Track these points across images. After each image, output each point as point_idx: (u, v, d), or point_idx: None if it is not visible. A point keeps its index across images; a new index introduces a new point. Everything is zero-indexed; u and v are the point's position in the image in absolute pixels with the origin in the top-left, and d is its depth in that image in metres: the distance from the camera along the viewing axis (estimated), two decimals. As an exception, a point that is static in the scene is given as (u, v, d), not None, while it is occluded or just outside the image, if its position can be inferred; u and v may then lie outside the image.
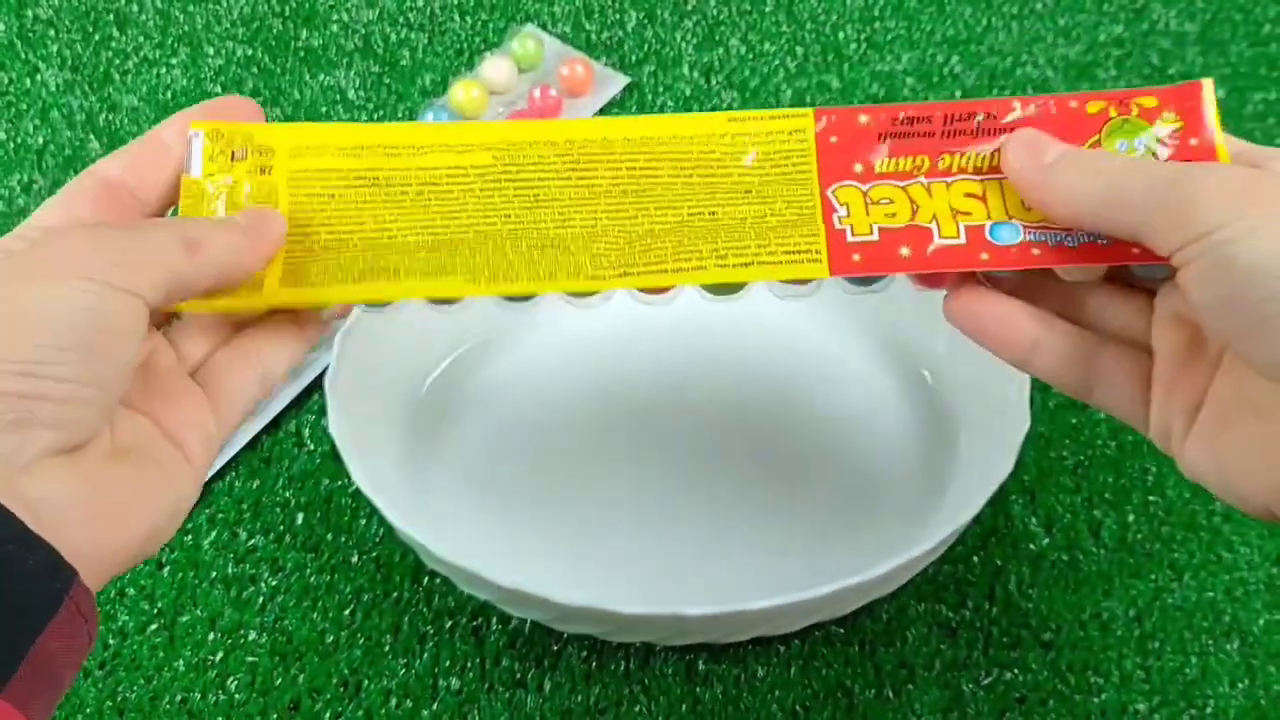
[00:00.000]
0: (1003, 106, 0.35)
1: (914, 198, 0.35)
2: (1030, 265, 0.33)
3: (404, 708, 0.44)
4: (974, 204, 0.34)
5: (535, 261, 0.35)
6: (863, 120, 0.35)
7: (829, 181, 0.35)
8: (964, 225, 0.34)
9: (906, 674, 0.44)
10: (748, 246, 0.35)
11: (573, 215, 0.35)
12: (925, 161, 0.35)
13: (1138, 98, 0.35)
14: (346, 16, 0.67)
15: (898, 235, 0.34)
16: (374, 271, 0.35)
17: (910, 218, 0.34)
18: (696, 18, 0.67)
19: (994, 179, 0.35)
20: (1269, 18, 0.66)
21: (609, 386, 0.51)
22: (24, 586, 0.27)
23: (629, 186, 0.36)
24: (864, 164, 0.35)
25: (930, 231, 0.34)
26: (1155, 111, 0.35)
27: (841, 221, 0.35)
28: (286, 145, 0.36)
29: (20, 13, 0.68)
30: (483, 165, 0.36)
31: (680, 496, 0.47)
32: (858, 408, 0.50)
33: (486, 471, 0.48)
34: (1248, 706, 0.43)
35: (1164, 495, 0.48)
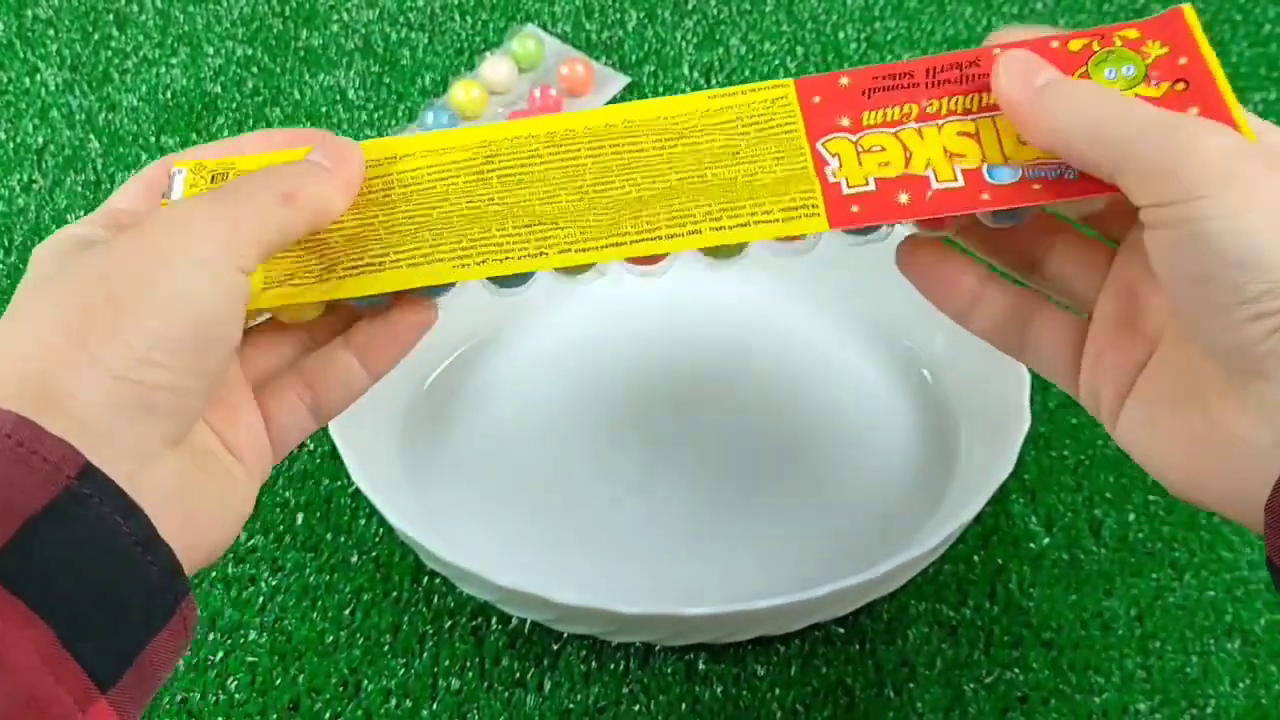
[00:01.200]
0: (985, 55, 0.35)
1: (906, 143, 0.34)
2: (1033, 201, 0.33)
3: (404, 707, 0.44)
4: (968, 144, 0.34)
5: (524, 240, 0.34)
6: (843, 82, 0.35)
7: (817, 135, 0.34)
8: (960, 168, 0.33)
9: (907, 673, 0.44)
10: (742, 206, 0.34)
11: (558, 192, 0.35)
12: (913, 109, 0.34)
13: (1119, 30, 0.34)
14: (346, 16, 0.67)
15: (894, 183, 0.33)
16: (360, 265, 0.35)
17: (904, 165, 0.34)
18: (696, 17, 0.67)
19: (986, 116, 0.34)
20: (1269, 18, 0.66)
21: (609, 387, 0.51)
22: (143, 592, 0.27)
23: (613, 162, 0.35)
24: (851, 117, 0.34)
25: (927, 179, 0.33)
26: (1138, 42, 0.34)
27: (835, 174, 0.34)
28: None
29: (20, 13, 0.68)
30: (465, 160, 0.36)
31: (680, 496, 0.47)
32: (858, 408, 0.50)
33: (486, 472, 0.48)
34: (1249, 706, 0.43)
35: (1164, 495, 0.48)
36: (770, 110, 0.35)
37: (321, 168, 0.33)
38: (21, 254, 0.57)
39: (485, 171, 0.36)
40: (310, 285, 0.35)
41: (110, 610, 0.26)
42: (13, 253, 0.57)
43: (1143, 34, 0.34)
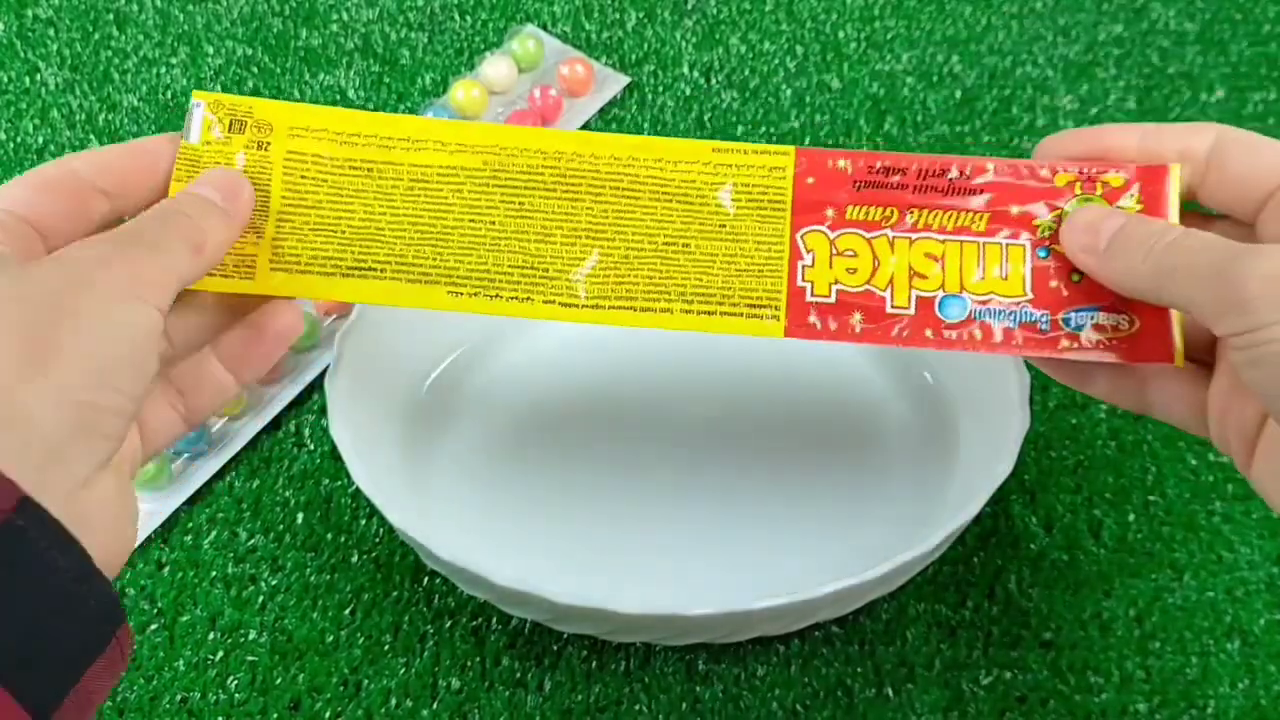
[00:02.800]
0: (976, 166, 0.37)
1: (877, 252, 0.36)
2: (968, 349, 0.36)
3: (404, 707, 0.44)
4: (931, 266, 0.36)
5: (515, 281, 0.36)
6: (840, 165, 0.37)
7: (801, 224, 0.37)
8: (917, 294, 0.36)
9: (906, 673, 0.44)
10: (713, 294, 0.36)
11: (554, 231, 0.37)
12: (894, 214, 0.37)
13: (1106, 174, 0.36)
14: (346, 16, 0.67)
15: (853, 299, 0.36)
16: (361, 267, 0.36)
17: (869, 277, 0.36)
18: (696, 17, 0.67)
19: (955, 240, 0.36)
20: (1269, 18, 0.66)
21: (609, 386, 0.51)
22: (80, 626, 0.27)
23: (610, 206, 0.37)
24: (836, 209, 0.37)
25: (884, 300, 0.36)
26: (1119, 191, 0.36)
27: (805, 274, 0.36)
28: (285, 124, 0.37)
29: (20, 13, 0.68)
30: (473, 168, 0.37)
31: (680, 496, 0.47)
32: (858, 408, 0.50)
33: (486, 471, 0.48)
34: (1248, 707, 0.43)
35: (1164, 495, 0.48)
36: (765, 181, 0.37)
37: (221, 211, 0.35)
38: (21, 254, 0.57)
39: (491, 186, 0.37)
40: (314, 277, 0.36)
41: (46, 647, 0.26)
42: (13, 252, 0.57)
43: (1127, 182, 0.36)
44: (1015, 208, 0.36)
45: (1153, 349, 0.35)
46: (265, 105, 0.37)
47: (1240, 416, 0.33)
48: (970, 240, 0.36)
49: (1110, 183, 0.36)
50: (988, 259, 0.36)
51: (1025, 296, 0.36)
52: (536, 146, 0.37)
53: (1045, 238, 0.36)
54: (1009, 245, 0.36)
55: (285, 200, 0.37)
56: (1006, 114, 0.62)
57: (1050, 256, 0.36)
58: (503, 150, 0.37)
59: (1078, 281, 0.36)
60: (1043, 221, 0.36)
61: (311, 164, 0.37)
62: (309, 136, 0.37)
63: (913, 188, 0.37)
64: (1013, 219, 0.36)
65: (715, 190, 0.37)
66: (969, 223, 0.36)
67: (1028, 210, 0.36)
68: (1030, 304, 0.36)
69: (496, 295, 0.36)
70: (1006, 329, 0.36)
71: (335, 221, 0.37)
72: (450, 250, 0.36)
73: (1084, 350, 0.35)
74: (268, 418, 0.51)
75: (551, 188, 0.37)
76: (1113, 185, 0.36)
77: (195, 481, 0.49)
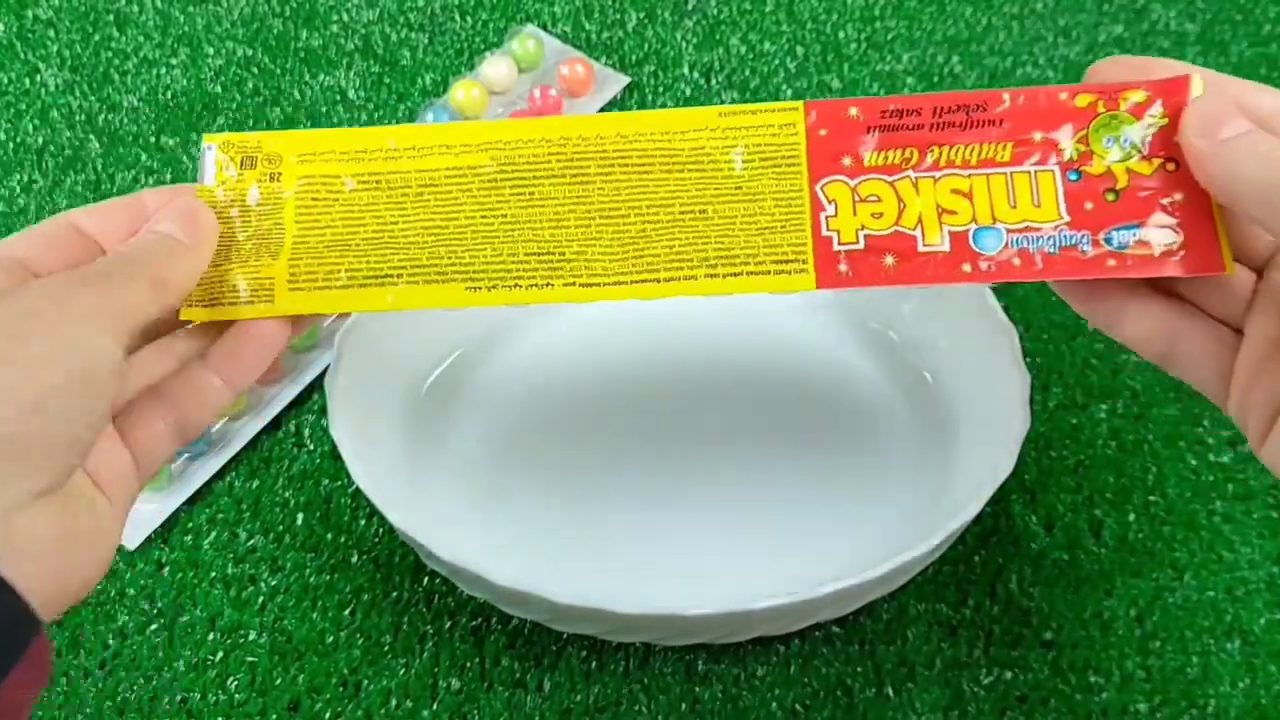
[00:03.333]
0: (993, 98, 0.36)
1: (901, 194, 0.35)
2: (1010, 278, 0.34)
3: (404, 708, 0.44)
4: (960, 202, 0.35)
5: (534, 269, 0.36)
6: (852, 113, 0.36)
7: (818, 176, 0.36)
8: (949, 229, 0.35)
9: (907, 673, 0.44)
10: (736, 255, 0.35)
11: (567, 215, 0.36)
12: (914, 154, 0.36)
13: (1126, 91, 0.35)
14: (346, 16, 0.67)
15: (883, 241, 0.35)
16: (378, 276, 0.36)
17: (896, 219, 0.35)
18: (696, 17, 0.67)
19: (981, 174, 0.35)
20: (1269, 18, 0.66)
21: (609, 387, 0.51)
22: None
23: (621, 184, 0.36)
24: (853, 157, 0.36)
25: (915, 239, 0.35)
26: (1143, 106, 0.35)
27: (829, 225, 0.35)
28: (293, 152, 0.38)
29: (20, 13, 0.68)
30: (479, 165, 0.37)
31: (680, 496, 0.47)
32: (858, 408, 0.50)
33: (486, 471, 0.48)
34: (1249, 706, 0.43)
35: (1165, 495, 0.48)
36: (777, 139, 0.36)
37: (183, 245, 0.35)
38: (21, 254, 0.57)
39: (499, 182, 0.37)
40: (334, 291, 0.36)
41: None
42: (13, 253, 0.57)
43: (1150, 97, 0.35)
44: (1039, 133, 0.35)
45: (1202, 260, 0.34)
46: (272, 138, 0.38)
47: (1270, 389, 0.32)
48: (997, 172, 0.35)
49: (1132, 97, 0.35)
50: (1017, 189, 0.35)
51: (1062, 220, 0.34)
52: (541, 136, 0.37)
53: (1074, 160, 0.35)
54: (1038, 172, 0.35)
55: (300, 224, 0.37)
56: (1007, 114, 0.62)
57: (1082, 179, 0.35)
58: (507, 144, 0.37)
59: (1113, 200, 0.34)
60: (1069, 145, 0.35)
61: (322, 186, 0.37)
62: (317, 160, 0.37)
63: (930, 125, 0.35)
64: (1037, 145, 0.35)
65: (727, 154, 0.36)
66: (993, 154, 0.35)
67: (1051, 136, 0.35)
68: (1068, 226, 0.34)
69: (516, 285, 0.36)
70: (1047, 254, 0.34)
71: (349, 236, 0.37)
72: (465, 248, 0.36)
73: (1131, 267, 0.34)
74: (268, 418, 0.51)
75: (560, 174, 0.37)
76: (1135, 101, 0.35)
77: (195, 482, 0.49)
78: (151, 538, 0.48)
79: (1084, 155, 0.35)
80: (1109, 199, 0.35)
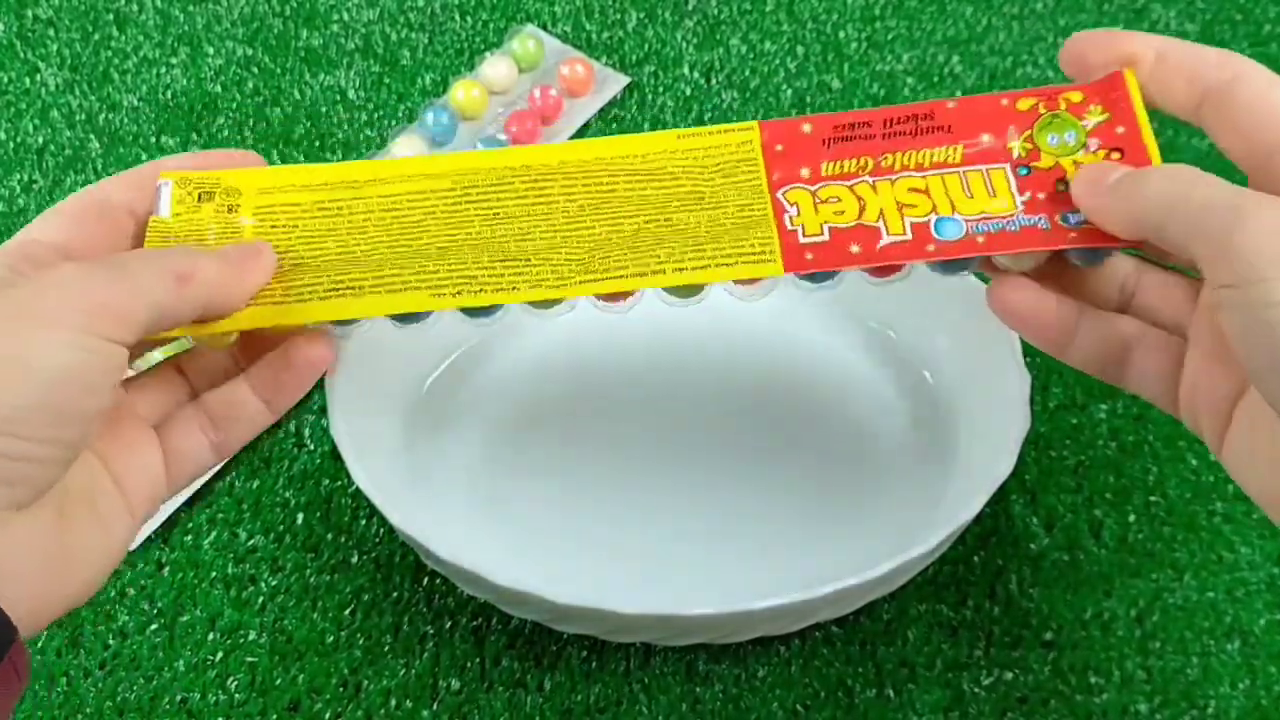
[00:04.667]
0: (938, 107, 0.37)
1: (861, 195, 0.36)
2: (975, 253, 0.35)
3: (404, 708, 0.44)
4: (918, 198, 0.36)
5: (498, 274, 0.36)
6: (805, 129, 0.37)
7: (778, 185, 0.36)
8: (910, 221, 0.35)
9: (907, 673, 0.44)
10: (704, 250, 0.36)
11: (532, 230, 0.36)
12: (869, 162, 0.36)
13: (1065, 93, 0.36)
14: (346, 16, 0.67)
15: (847, 234, 0.36)
16: (340, 288, 0.36)
17: (858, 215, 0.36)
18: (697, 18, 0.67)
19: (936, 174, 0.36)
20: (1269, 18, 0.66)
21: (609, 386, 0.51)
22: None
23: (585, 200, 0.37)
24: (810, 168, 0.37)
25: (878, 230, 0.35)
26: (1082, 106, 0.36)
27: (793, 222, 0.36)
28: (253, 187, 0.37)
29: (20, 13, 0.68)
30: (443, 189, 0.37)
31: (680, 496, 0.47)
32: (858, 408, 0.50)
33: (487, 471, 0.48)
34: (1249, 707, 0.43)
35: (1165, 495, 0.48)
36: (735, 155, 0.37)
37: (226, 258, 0.34)
38: (21, 254, 0.57)
39: (463, 202, 0.37)
40: (290, 305, 0.35)
41: None
42: (13, 253, 0.57)
43: (1086, 98, 0.36)
44: (986, 135, 0.36)
45: None
46: (233, 175, 0.37)
47: (1212, 393, 0.33)
48: (950, 171, 0.36)
49: (1071, 99, 0.36)
50: (972, 184, 0.36)
51: (1018, 209, 0.35)
52: (504, 163, 0.37)
53: (1022, 158, 0.36)
54: (990, 170, 0.36)
55: None
56: (1007, 114, 0.62)
57: (1031, 173, 0.36)
58: (471, 171, 0.37)
59: (1064, 190, 0.35)
60: (1016, 144, 0.36)
61: (281, 213, 0.37)
62: (277, 193, 0.37)
63: (881, 135, 0.36)
64: (986, 146, 0.36)
65: (688, 172, 0.37)
66: (944, 157, 0.36)
67: (999, 138, 0.36)
68: (1024, 212, 0.35)
69: (480, 290, 0.35)
70: (1009, 233, 0.35)
71: (309, 258, 0.36)
72: (429, 259, 0.36)
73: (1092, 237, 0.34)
74: (268, 418, 0.51)
75: (524, 193, 0.37)
76: (1074, 101, 0.36)
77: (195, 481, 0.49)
78: (151, 538, 0.48)
79: (1031, 153, 0.36)
80: (1060, 189, 0.36)
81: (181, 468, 0.35)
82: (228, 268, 0.33)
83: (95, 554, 0.31)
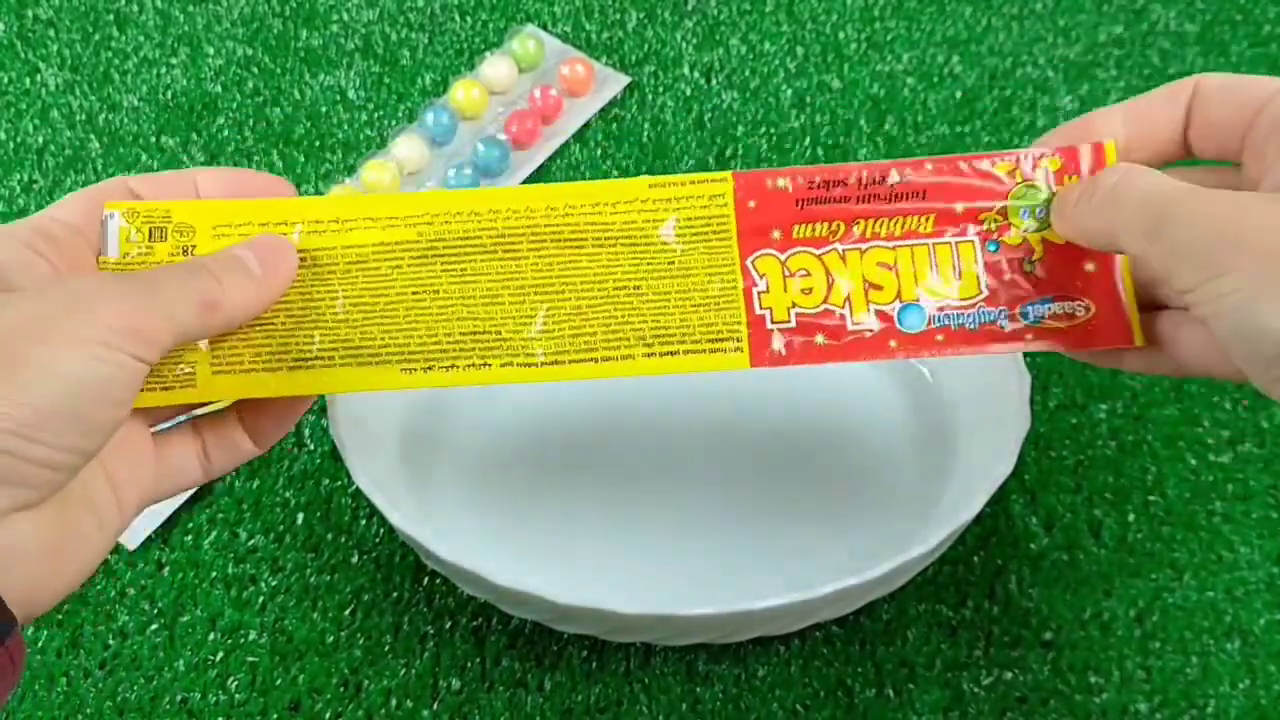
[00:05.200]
0: (915, 166, 0.37)
1: (830, 268, 0.36)
2: (932, 352, 0.36)
3: (404, 708, 0.44)
4: (886, 276, 0.36)
5: (469, 349, 0.36)
6: (780, 184, 0.37)
7: (749, 250, 0.36)
8: (875, 308, 0.36)
9: (907, 673, 0.44)
10: (673, 333, 0.36)
11: (500, 291, 0.36)
12: (840, 227, 0.37)
13: (1043, 160, 0.36)
14: (346, 16, 0.67)
15: (813, 321, 0.36)
16: (307, 358, 0.35)
17: (825, 296, 0.36)
18: (696, 18, 0.67)
19: (905, 245, 0.36)
20: (1269, 18, 0.66)
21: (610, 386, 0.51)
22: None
23: (555, 258, 0.36)
24: (781, 230, 0.36)
25: (844, 317, 0.36)
26: (1060, 175, 0.36)
27: (762, 302, 0.36)
28: (207, 224, 0.36)
29: (20, 13, 0.68)
30: (408, 241, 0.36)
31: (681, 495, 0.47)
32: (858, 407, 0.50)
33: (487, 471, 0.48)
34: (1248, 706, 0.43)
35: (1164, 495, 0.48)
36: (707, 212, 0.37)
37: (251, 275, 0.34)
38: (22, 254, 0.57)
39: (429, 257, 0.37)
40: (261, 374, 0.35)
41: None
42: (13, 253, 0.57)
43: (1064, 167, 0.36)
44: (960, 204, 0.36)
45: (1111, 333, 0.36)
46: (183, 207, 0.36)
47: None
48: (919, 243, 0.36)
49: (1050, 167, 0.36)
50: (939, 260, 0.36)
51: (980, 295, 0.36)
52: (470, 208, 0.36)
53: (993, 230, 0.36)
54: (958, 243, 0.36)
55: None
56: (1006, 115, 0.62)
57: (1000, 250, 0.36)
58: (435, 218, 0.36)
59: (1030, 271, 0.36)
60: (989, 214, 0.36)
61: None
62: (235, 233, 0.36)
63: (855, 198, 0.36)
64: (958, 216, 0.36)
65: (657, 227, 0.36)
66: (915, 226, 0.36)
67: (972, 206, 0.36)
68: (985, 303, 0.36)
69: (452, 366, 0.35)
70: (968, 331, 0.36)
71: (273, 316, 0.35)
72: (397, 327, 0.36)
73: (1045, 341, 0.36)
74: (268, 418, 0.51)
75: (492, 250, 0.36)
76: (1052, 171, 0.36)
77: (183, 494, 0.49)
78: (152, 538, 0.48)
79: (1002, 227, 0.36)
80: (1026, 269, 0.36)
81: (172, 480, 0.36)
82: (254, 291, 0.33)
83: (89, 549, 0.32)
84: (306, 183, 0.60)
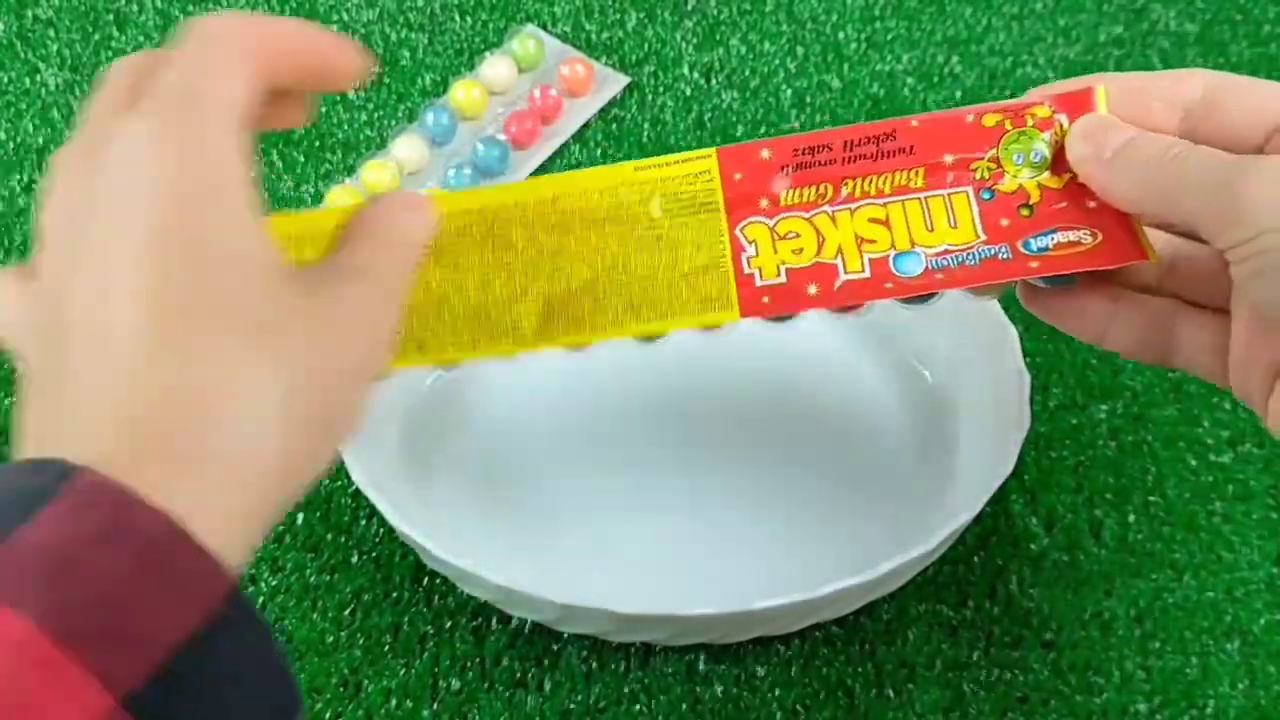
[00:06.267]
0: (901, 126, 0.36)
1: (820, 229, 0.36)
2: (934, 289, 0.35)
3: (404, 708, 0.44)
4: (878, 230, 0.35)
5: (458, 331, 0.36)
6: (764, 155, 0.36)
7: (737, 219, 0.36)
8: (869, 257, 0.35)
9: (907, 673, 0.44)
10: (661, 298, 0.36)
11: (492, 279, 0.36)
12: (829, 189, 0.36)
13: (1031, 108, 0.36)
14: (346, 16, 0.67)
15: (805, 274, 0.35)
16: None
17: (816, 253, 0.35)
18: (696, 18, 0.67)
19: (897, 201, 0.36)
20: (1269, 18, 0.66)
21: (609, 386, 0.51)
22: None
23: (544, 244, 0.36)
24: (769, 198, 0.36)
25: (835, 268, 0.35)
26: (1048, 121, 0.36)
27: (751, 264, 0.36)
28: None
29: (20, 13, 0.68)
30: None
31: (680, 496, 0.47)
32: (858, 408, 0.50)
33: (486, 471, 0.48)
34: (1248, 707, 0.43)
35: (1164, 495, 0.48)
36: (694, 187, 0.36)
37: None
38: (21, 254, 0.57)
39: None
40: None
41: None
42: (13, 253, 0.57)
43: (1054, 111, 0.35)
44: (949, 156, 0.36)
45: (1122, 251, 0.35)
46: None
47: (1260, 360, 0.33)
48: (912, 198, 0.36)
49: (1038, 113, 0.35)
50: (933, 213, 0.35)
51: (979, 239, 0.35)
52: (460, 207, 0.36)
53: (985, 179, 0.36)
54: (952, 195, 0.36)
55: None
56: (1006, 114, 0.62)
57: (994, 198, 0.35)
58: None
59: (1028, 215, 0.35)
60: (980, 164, 0.36)
61: None
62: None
63: (841, 160, 0.36)
64: (948, 168, 0.36)
65: (644, 205, 0.36)
66: (906, 181, 0.36)
67: (962, 156, 0.36)
68: (984, 244, 0.35)
69: (441, 348, 0.35)
70: (969, 267, 0.35)
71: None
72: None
73: (1055, 264, 0.35)
74: (268, 418, 0.51)
75: (482, 241, 0.36)
76: (1041, 116, 0.35)
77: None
78: (151, 538, 0.48)
79: (995, 174, 0.36)
80: (1023, 214, 0.35)
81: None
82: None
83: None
84: (306, 183, 0.60)
